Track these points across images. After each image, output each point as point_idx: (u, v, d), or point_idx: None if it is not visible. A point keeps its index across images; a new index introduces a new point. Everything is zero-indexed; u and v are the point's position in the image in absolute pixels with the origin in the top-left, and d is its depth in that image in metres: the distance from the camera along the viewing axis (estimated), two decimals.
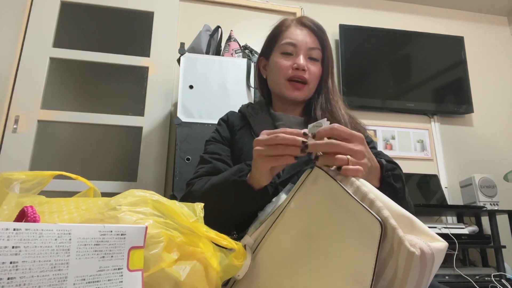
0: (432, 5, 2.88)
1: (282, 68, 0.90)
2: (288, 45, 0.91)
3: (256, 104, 1.01)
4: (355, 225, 0.44)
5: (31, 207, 0.37)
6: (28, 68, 2.10)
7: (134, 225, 0.42)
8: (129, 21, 2.42)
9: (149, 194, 0.47)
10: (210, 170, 0.84)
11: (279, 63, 0.91)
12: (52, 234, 0.35)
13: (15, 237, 0.32)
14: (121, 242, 0.39)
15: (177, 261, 0.45)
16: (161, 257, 0.43)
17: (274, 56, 0.94)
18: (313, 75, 0.91)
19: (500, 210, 2.09)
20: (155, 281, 0.42)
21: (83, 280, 0.36)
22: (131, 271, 0.40)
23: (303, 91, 0.91)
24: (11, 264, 0.32)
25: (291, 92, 0.90)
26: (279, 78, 0.91)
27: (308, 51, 0.91)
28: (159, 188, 2.07)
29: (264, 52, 1.00)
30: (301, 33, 0.92)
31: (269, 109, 0.97)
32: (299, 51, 0.90)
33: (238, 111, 1.01)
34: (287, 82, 0.90)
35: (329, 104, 0.91)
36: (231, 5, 2.50)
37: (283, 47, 0.92)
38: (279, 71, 0.91)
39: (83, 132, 2.21)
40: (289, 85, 0.90)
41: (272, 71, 0.95)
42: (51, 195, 0.52)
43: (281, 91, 0.92)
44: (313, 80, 0.92)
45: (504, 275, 1.89)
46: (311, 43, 0.91)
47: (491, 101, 2.74)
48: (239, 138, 0.91)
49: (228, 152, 0.90)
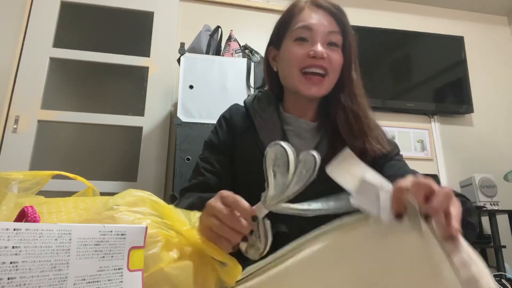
0: (432, 5, 2.87)
1: (295, 57, 0.76)
2: (303, 30, 0.76)
3: (264, 96, 0.86)
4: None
5: (31, 207, 0.37)
6: (28, 68, 2.10)
7: (134, 225, 0.42)
8: (129, 21, 2.42)
9: (147, 194, 0.47)
10: (200, 186, 0.77)
11: (292, 52, 0.77)
12: (52, 234, 0.35)
13: (15, 237, 0.32)
14: (121, 242, 0.39)
15: (177, 260, 0.45)
16: (159, 257, 0.42)
17: (286, 44, 0.80)
18: (334, 64, 0.76)
19: (500, 210, 2.09)
20: (154, 281, 0.42)
21: (83, 280, 0.36)
22: (131, 271, 0.40)
23: (322, 86, 0.76)
24: (11, 264, 0.32)
25: (306, 88, 0.75)
26: (291, 69, 0.77)
27: (327, 35, 0.76)
28: (159, 188, 2.06)
29: (273, 40, 0.85)
30: (317, 16, 0.77)
31: (279, 106, 0.84)
32: (315, 36, 0.75)
33: (244, 105, 0.87)
34: (301, 75, 0.76)
35: (355, 103, 0.77)
36: (231, 5, 2.50)
37: (296, 32, 0.77)
38: (291, 61, 0.76)
39: (83, 132, 2.21)
40: (304, 80, 0.75)
41: (284, 61, 0.80)
42: (50, 195, 0.52)
43: (294, 86, 0.77)
44: (334, 71, 0.77)
45: (504, 275, 1.89)
46: (330, 26, 0.77)
47: (491, 101, 2.74)
48: (241, 145, 0.79)
49: (225, 161, 0.80)
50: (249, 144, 0.78)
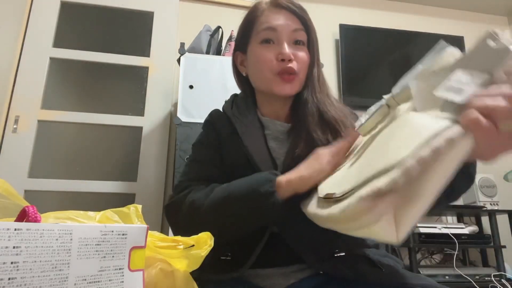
0: (432, 5, 2.87)
1: (265, 61, 0.76)
2: (267, 31, 0.76)
3: (242, 102, 0.87)
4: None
5: (32, 207, 0.37)
6: (28, 68, 2.10)
7: (135, 225, 0.42)
8: (129, 21, 2.42)
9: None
10: (203, 177, 0.76)
11: (260, 56, 0.77)
12: (53, 234, 0.35)
13: (16, 237, 0.32)
14: (122, 242, 0.39)
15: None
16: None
17: (253, 48, 0.79)
18: (301, 62, 0.77)
19: (500, 210, 2.09)
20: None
21: (84, 280, 0.36)
22: (132, 271, 0.40)
23: (294, 84, 0.77)
24: (12, 264, 0.32)
25: (281, 87, 0.76)
26: (265, 74, 0.76)
27: (292, 34, 0.77)
28: (159, 188, 2.06)
29: (239, 45, 0.85)
30: (280, 16, 0.77)
31: (256, 110, 0.84)
32: (281, 36, 0.76)
33: (223, 112, 0.87)
34: (275, 76, 0.75)
35: (317, 97, 0.77)
36: (231, 5, 2.50)
37: (261, 35, 0.77)
38: (262, 66, 0.76)
39: (83, 132, 2.21)
40: (279, 79, 0.75)
41: (254, 66, 0.80)
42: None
43: (269, 87, 0.77)
44: (303, 69, 0.78)
45: (504, 275, 1.89)
46: (293, 25, 0.77)
47: None
48: (227, 150, 0.79)
49: (217, 158, 0.79)
50: (235, 149, 0.77)
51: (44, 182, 1.95)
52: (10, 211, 0.41)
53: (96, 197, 2.00)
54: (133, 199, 2.00)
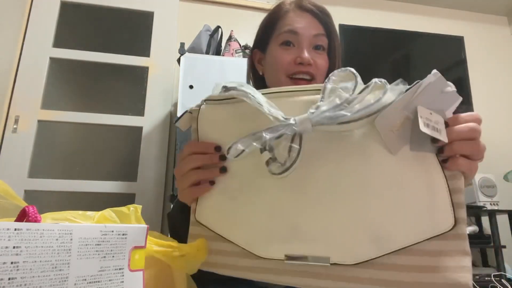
0: (432, 5, 2.88)
1: (282, 63, 0.75)
2: (288, 34, 0.76)
3: None
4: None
5: (32, 207, 0.37)
6: (28, 68, 2.10)
7: (135, 225, 0.42)
8: (129, 21, 2.42)
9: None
10: None
11: (278, 58, 0.76)
12: (53, 234, 0.35)
13: (16, 237, 0.32)
14: (123, 242, 0.39)
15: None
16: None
17: (272, 49, 0.79)
18: (320, 68, 0.76)
19: (500, 210, 2.09)
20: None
21: (84, 280, 0.36)
22: (132, 271, 0.40)
23: None
24: (12, 264, 0.32)
25: None
26: (278, 75, 0.76)
27: (313, 39, 0.76)
28: (159, 188, 2.06)
29: (258, 43, 0.83)
30: (303, 19, 0.76)
31: None
32: (301, 40, 0.75)
33: None
34: (289, 79, 0.75)
35: None
36: (231, 5, 2.50)
37: (281, 36, 0.76)
38: (278, 67, 0.76)
39: (83, 132, 2.21)
40: (292, 84, 0.74)
41: (271, 67, 0.79)
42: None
43: None
44: (320, 75, 0.76)
45: (504, 275, 1.89)
46: (315, 29, 0.76)
47: (491, 101, 2.74)
48: None
49: None
50: None
51: (44, 182, 1.94)
52: (9, 212, 0.41)
53: (96, 197, 2.00)
54: (133, 199, 2.00)
